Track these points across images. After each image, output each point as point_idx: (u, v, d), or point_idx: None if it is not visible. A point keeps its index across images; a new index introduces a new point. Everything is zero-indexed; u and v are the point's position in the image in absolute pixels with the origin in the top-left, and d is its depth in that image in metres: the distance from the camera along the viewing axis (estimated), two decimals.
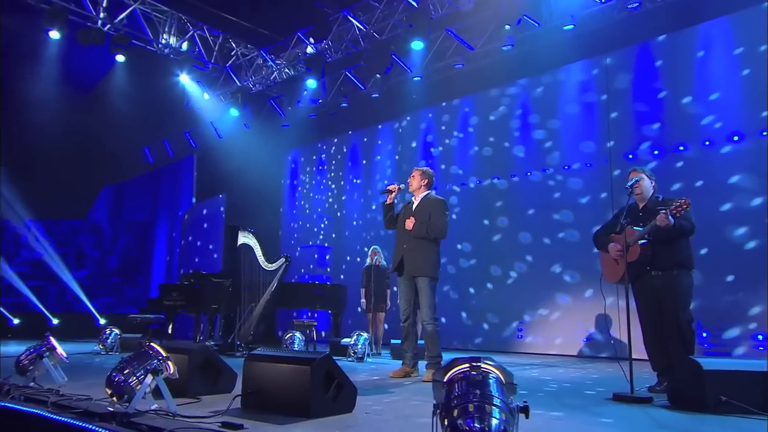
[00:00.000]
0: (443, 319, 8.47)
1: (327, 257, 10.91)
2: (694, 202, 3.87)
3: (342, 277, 10.57)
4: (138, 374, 2.77)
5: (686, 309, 3.91)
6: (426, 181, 4.93)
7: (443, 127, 9.66)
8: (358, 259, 10.40)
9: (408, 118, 10.26)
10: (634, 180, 4.10)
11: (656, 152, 7.23)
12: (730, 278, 6.42)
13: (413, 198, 4.96)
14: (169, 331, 7.57)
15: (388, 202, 4.89)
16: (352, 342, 6.20)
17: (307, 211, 11.72)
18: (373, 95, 10.12)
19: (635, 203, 4.23)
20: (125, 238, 13.53)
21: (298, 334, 6.20)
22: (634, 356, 3.76)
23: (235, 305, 7.16)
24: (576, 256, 7.73)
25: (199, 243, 12.45)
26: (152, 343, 2.88)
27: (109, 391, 2.78)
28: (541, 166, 8.32)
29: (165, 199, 13.81)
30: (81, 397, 3.11)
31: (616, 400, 3.71)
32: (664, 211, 3.77)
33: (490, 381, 1.81)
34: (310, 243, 11.22)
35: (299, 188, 12.02)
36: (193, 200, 12.90)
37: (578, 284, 7.72)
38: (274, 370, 3.06)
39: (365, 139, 11.03)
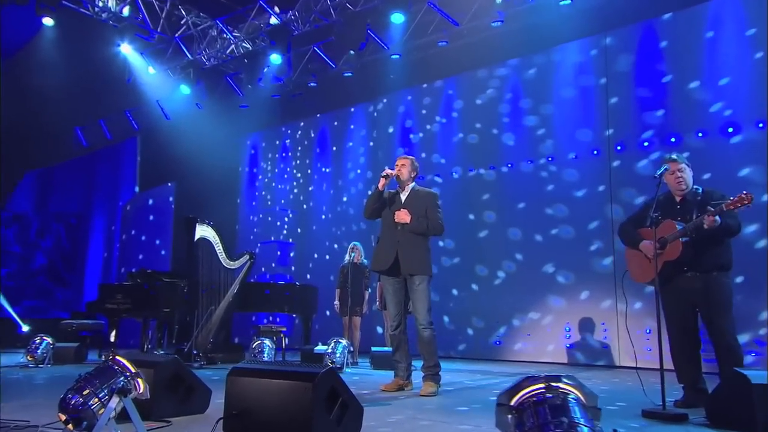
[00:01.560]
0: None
1: (291, 255, 10.75)
2: None
3: (308, 277, 10.43)
4: (101, 395, 2.46)
5: (728, 315, 3.82)
6: (415, 173, 4.87)
7: (424, 111, 9.55)
8: (327, 257, 10.30)
9: (384, 100, 10.13)
10: (664, 168, 3.96)
11: (656, 141, 7.24)
12: (739, 279, 6.41)
13: (399, 189, 4.82)
14: (112, 339, 7.22)
15: (381, 188, 4.71)
16: (330, 350, 6.00)
17: (269, 202, 11.55)
18: (345, 74, 9.98)
19: (669, 195, 4.10)
20: (54, 232, 12.87)
21: (268, 342, 5.95)
22: (625, 364, 3.62)
23: (191, 309, 6.87)
24: (570, 254, 7.70)
25: (143, 237, 12.10)
26: (118, 357, 2.56)
27: (64, 417, 2.46)
28: (532, 156, 8.27)
29: (102, 188, 13.37)
30: (20, 424, 2.76)
31: (647, 418, 3.57)
32: (712, 211, 3.65)
33: (571, 404, 1.59)
34: (272, 239, 11.01)
35: (260, 177, 11.84)
36: (137, 189, 12.51)
37: (573, 285, 7.69)
38: (265, 388, 2.79)
39: (336, 123, 10.87)
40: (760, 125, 6.55)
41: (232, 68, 10.82)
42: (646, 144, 7.32)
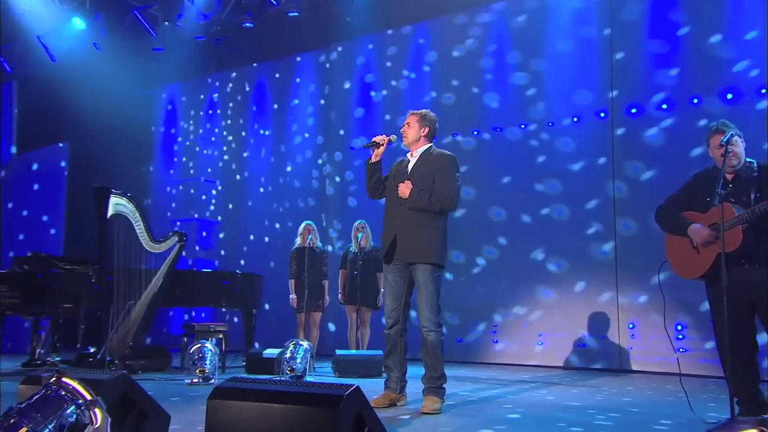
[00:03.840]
0: (383, 320, 8.07)
1: (221, 236, 10.64)
2: None
3: (242, 263, 10.36)
4: None
5: None
6: (426, 129, 4.55)
7: (389, 64, 9.41)
8: (266, 239, 10.24)
9: (339, 48, 10.01)
10: (729, 135, 3.80)
11: (669, 106, 7.25)
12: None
13: (408, 155, 4.59)
14: None
15: (373, 159, 4.51)
16: (288, 354, 5.73)
17: (191, 171, 11.33)
18: (291, 13, 9.65)
19: (715, 171, 3.98)
20: None
21: (209, 346, 5.61)
22: (628, 367, 3.53)
23: (104, 304, 6.44)
24: (564, 239, 7.72)
25: (25, 212, 11.57)
26: (65, 378, 2.13)
27: None
28: (520, 121, 8.22)
29: None
30: None
31: None
32: None
33: None
34: (195, 216, 10.83)
35: (179, 139, 11.64)
36: (13, 150, 11.83)
37: (566, 275, 7.72)
38: (264, 415, 2.42)
39: (277, 75, 10.72)
40: None
41: None
42: (661, 107, 7.29)
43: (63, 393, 2.16)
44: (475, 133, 8.50)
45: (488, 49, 8.56)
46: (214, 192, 11.07)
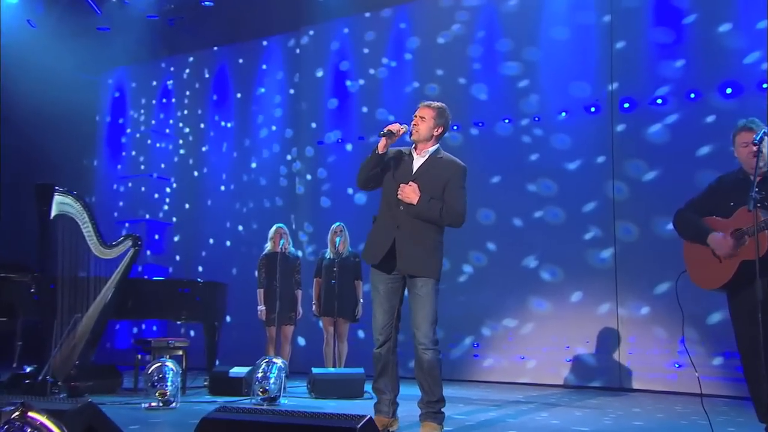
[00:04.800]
0: (361, 333, 8.28)
1: (176, 239, 10.57)
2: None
3: (200, 269, 10.26)
4: None
5: None
6: (440, 129, 4.40)
7: (366, 51, 9.38)
8: (228, 243, 10.19)
9: (311, 32, 9.96)
10: (763, 133, 3.77)
11: (673, 100, 7.25)
12: None
13: (413, 151, 4.44)
14: None
15: (381, 150, 4.32)
16: (261, 374, 5.53)
17: (142, 166, 11.12)
18: None
19: (740, 173, 4.05)
20: None
21: (171, 365, 5.45)
22: (629, 386, 3.46)
23: (45, 317, 6.17)
24: (559, 244, 7.67)
25: None
26: (32, 413, 1.94)
27: None
28: (511, 115, 8.20)
29: None
30: None
31: None
32: None
33: None
34: (146, 216, 10.67)
35: (128, 130, 11.49)
36: None
37: (561, 284, 7.73)
38: None
39: (241, 61, 10.65)
40: None
41: None
42: (660, 102, 7.35)
43: (29, 430, 1.97)
44: (458, 128, 8.43)
45: (476, 36, 8.53)
46: (168, 190, 10.92)
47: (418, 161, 4.37)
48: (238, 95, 10.59)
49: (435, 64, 8.79)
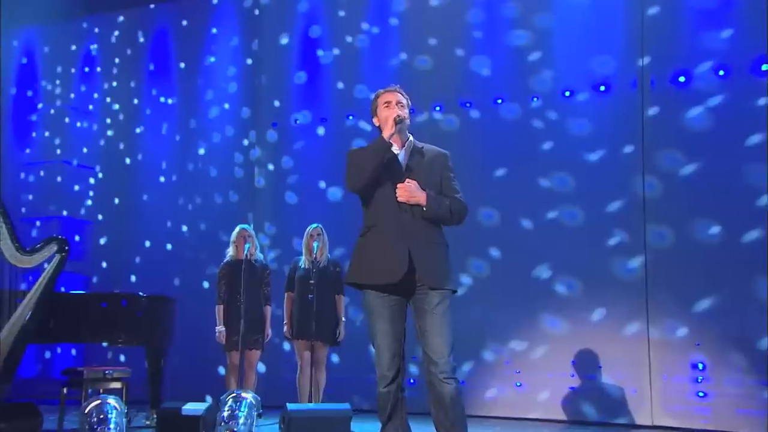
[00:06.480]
0: (336, 358, 8.39)
1: (101, 241, 10.63)
2: None
3: (133, 279, 10.25)
4: None
5: None
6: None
7: (342, 13, 9.45)
8: (169, 247, 10.16)
9: None
10: None
11: (718, 78, 7.25)
12: None
13: (393, 147, 4.45)
14: None
15: (387, 135, 4.24)
16: (227, 412, 5.45)
17: (58, 151, 11.09)
18: None
19: None
20: None
21: (113, 402, 5.31)
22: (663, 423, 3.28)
23: None
24: (577, 251, 7.70)
25: None
26: None
27: None
28: (519, 94, 8.28)
29: None
30: None
31: None
32: None
33: None
34: (63, 213, 10.70)
35: (39, 106, 11.46)
36: None
37: (579, 299, 7.72)
38: None
39: (185, 23, 10.62)
40: None
41: None
42: (701, 81, 7.30)
43: None
44: (442, 108, 8.58)
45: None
46: (92, 181, 10.94)
47: (401, 155, 4.38)
48: (182, 65, 10.56)
49: (427, 32, 8.82)
